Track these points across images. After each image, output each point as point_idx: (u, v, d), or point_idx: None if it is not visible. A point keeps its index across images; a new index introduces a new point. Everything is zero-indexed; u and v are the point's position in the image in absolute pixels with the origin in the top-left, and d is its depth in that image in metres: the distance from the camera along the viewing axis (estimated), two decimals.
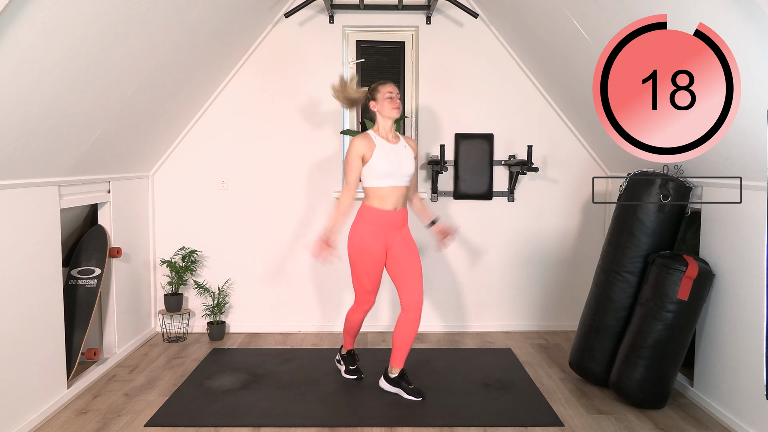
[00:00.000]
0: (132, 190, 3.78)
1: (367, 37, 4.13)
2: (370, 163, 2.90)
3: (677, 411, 2.87)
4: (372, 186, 2.94)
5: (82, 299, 3.26)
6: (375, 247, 2.94)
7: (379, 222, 2.94)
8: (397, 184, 2.94)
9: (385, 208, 2.93)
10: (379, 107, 2.96)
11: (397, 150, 2.96)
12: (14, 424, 2.56)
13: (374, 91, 2.98)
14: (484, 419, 2.77)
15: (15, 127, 2.29)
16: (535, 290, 4.17)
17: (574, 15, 2.94)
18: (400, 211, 2.98)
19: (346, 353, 3.29)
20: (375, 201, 2.94)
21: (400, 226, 3.00)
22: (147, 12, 2.57)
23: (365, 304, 3.09)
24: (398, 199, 2.96)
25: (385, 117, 2.96)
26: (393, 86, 2.97)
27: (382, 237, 2.95)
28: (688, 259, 2.79)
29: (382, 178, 2.91)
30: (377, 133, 2.98)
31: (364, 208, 2.98)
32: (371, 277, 2.98)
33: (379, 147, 2.92)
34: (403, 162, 2.94)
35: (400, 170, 2.93)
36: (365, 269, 2.97)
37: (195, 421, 2.74)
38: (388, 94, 2.94)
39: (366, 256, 2.94)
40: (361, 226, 2.96)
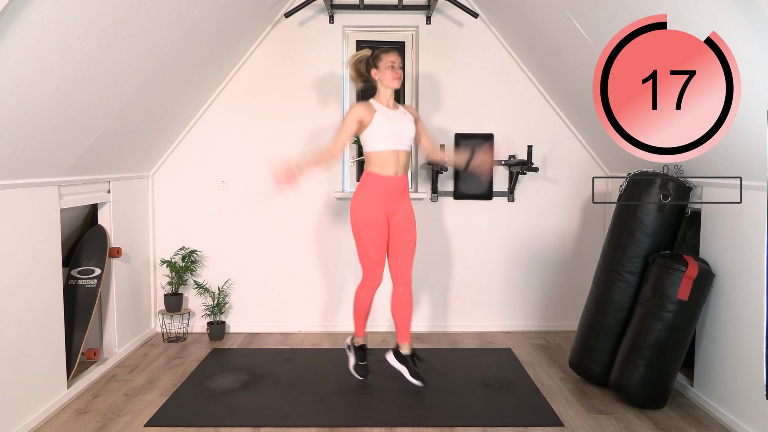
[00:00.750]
0: (132, 190, 3.78)
1: (367, 37, 4.13)
2: (371, 127, 2.96)
3: (677, 411, 2.87)
4: (373, 150, 3.00)
5: (82, 299, 3.26)
6: (377, 215, 2.99)
7: (380, 188, 2.99)
8: (397, 147, 3.00)
9: (386, 173, 2.99)
10: (380, 75, 3.02)
11: (397, 115, 3.04)
12: (14, 424, 2.56)
13: (377, 59, 3.03)
14: (484, 419, 2.77)
15: (15, 127, 2.29)
16: (535, 290, 4.17)
17: (574, 15, 2.94)
18: (400, 178, 3.04)
19: (358, 346, 3.22)
20: (376, 167, 3.00)
21: (401, 192, 3.05)
22: (147, 12, 2.57)
23: (373, 279, 3.06)
24: (399, 164, 3.02)
25: (385, 86, 3.03)
26: (395, 55, 3.02)
27: (383, 204, 3.00)
28: (688, 259, 2.79)
29: (383, 141, 2.97)
30: (378, 101, 3.06)
31: (366, 174, 3.04)
32: (376, 245, 3.00)
33: (380, 111, 3.00)
34: (403, 126, 3.02)
35: (401, 133, 3.00)
36: (369, 238, 2.99)
37: (195, 421, 2.74)
38: (390, 63, 3.00)
39: (369, 225, 2.98)
40: (363, 192, 3.02)
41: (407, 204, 3.11)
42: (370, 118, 2.96)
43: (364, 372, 3.19)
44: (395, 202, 3.04)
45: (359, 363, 3.20)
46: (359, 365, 3.20)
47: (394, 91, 3.06)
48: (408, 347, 3.09)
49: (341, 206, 4.07)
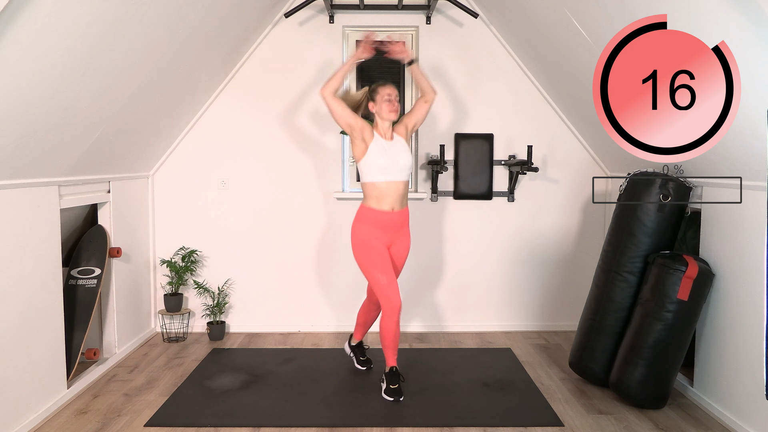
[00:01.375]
0: (132, 190, 3.78)
1: None
2: (366, 157, 2.97)
3: (677, 411, 2.87)
4: (369, 181, 2.99)
5: (82, 299, 3.26)
6: (376, 243, 3.00)
7: (377, 223, 2.99)
8: (393, 179, 2.99)
9: (383, 208, 2.98)
10: (377, 109, 3.04)
11: (393, 145, 3.04)
12: (14, 424, 2.56)
13: (374, 93, 3.06)
14: (484, 419, 2.77)
15: (15, 126, 2.29)
16: (535, 290, 4.17)
17: (574, 15, 2.94)
18: (398, 212, 3.02)
19: (356, 344, 3.43)
20: (372, 201, 3.00)
21: (399, 227, 3.05)
22: (147, 12, 2.57)
23: (390, 302, 2.93)
24: (396, 198, 3.00)
25: (383, 119, 3.04)
26: (392, 88, 3.05)
27: (382, 237, 3.02)
28: (688, 259, 2.79)
29: (378, 173, 2.97)
30: (376, 130, 3.06)
31: (362, 209, 3.04)
32: (383, 269, 2.97)
33: (376, 140, 3.00)
34: (398, 156, 3.01)
35: (396, 164, 2.99)
36: (374, 265, 2.97)
37: (195, 421, 2.74)
38: (387, 97, 3.02)
39: (370, 252, 2.99)
40: (359, 226, 3.03)
41: (405, 237, 3.11)
42: (369, 138, 2.97)
43: (367, 363, 3.39)
44: (393, 236, 3.05)
45: (360, 358, 3.39)
46: (361, 360, 3.39)
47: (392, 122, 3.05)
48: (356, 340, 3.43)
49: (341, 206, 4.07)
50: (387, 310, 2.95)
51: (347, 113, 2.96)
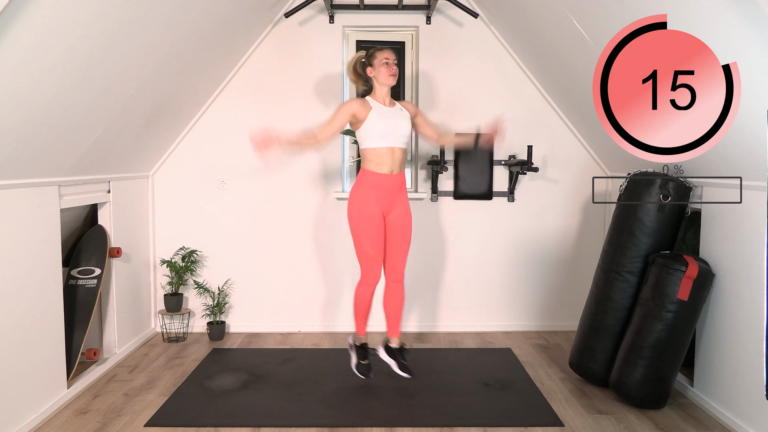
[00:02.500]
0: (132, 190, 3.78)
1: (367, 37, 4.13)
2: (366, 124, 2.97)
3: (677, 411, 2.87)
4: (369, 147, 3.00)
5: (82, 299, 3.26)
6: (373, 211, 3.00)
7: (376, 185, 3.00)
8: (393, 145, 3.00)
9: (382, 171, 3.00)
10: (375, 73, 3.02)
11: (393, 112, 3.04)
12: (14, 424, 2.56)
13: (371, 57, 3.04)
14: (484, 419, 2.77)
15: (15, 127, 2.29)
16: (535, 290, 4.17)
17: (574, 15, 2.94)
18: (396, 175, 3.04)
19: (360, 345, 3.21)
20: (372, 164, 3.01)
21: (397, 189, 3.06)
22: (147, 12, 2.57)
23: (371, 276, 3.06)
24: (394, 162, 3.02)
25: (381, 83, 3.03)
26: (390, 52, 3.03)
27: (379, 201, 3.02)
28: (688, 259, 2.79)
29: (378, 138, 2.98)
30: (374, 98, 3.05)
31: (362, 172, 3.06)
32: (372, 241, 3.01)
33: (375, 108, 3.00)
34: (399, 123, 3.01)
35: (396, 130, 2.99)
36: (365, 233, 3.00)
37: (195, 421, 2.74)
38: (385, 60, 3.00)
39: (365, 221, 2.99)
40: (358, 189, 3.03)
41: (404, 202, 3.12)
42: (364, 114, 2.96)
43: (365, 371, 3.16)
44: (392, 200, 3.05)
45: (361, 362, 3.18)
46: (361, 364, 3.18)
47: (390, 88, 3.05)
48: (397, 341, 3.16)
49: (341, 206, 4.06)
50: (364, 280, 3.06)
51: (342, 119, 2.98)
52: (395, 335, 3.17)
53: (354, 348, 3.23)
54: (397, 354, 3.14)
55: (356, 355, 3.21)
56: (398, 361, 3.11)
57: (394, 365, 3.11)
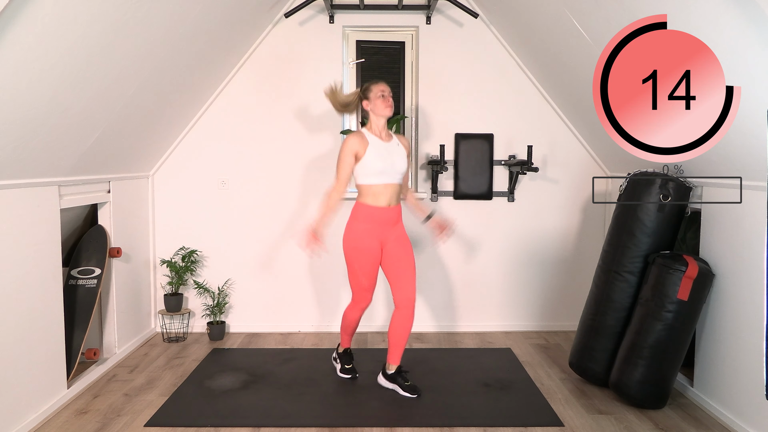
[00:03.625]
0: (132, 190, 3.78)
1: (367, 37, 4.13)
2: (363, 161, 2.94)
3: (677, 411, 2.87)
4: (365, 183, 2.99)
5: (82, 299, 3.26)
6: (370, 244, 2.98)
7: (373, 219, 2.98)
8: (389, 182, 2.98)
9: (379, 204, 2.98)
10: (371, 106, 3.01)
11: (389, 148, 3.01)
12: (14, 424, 2.56)
13: (367, 91, 3.03)
14: (484, 419, 2.77)
15: (15, 127, 2.29)
16: (535, 290, 4.17)
17: (574, 15, 2.94)
18: (393, 208, 3.02)
19: (342, 351, 3.32)
20: (369, 198, 2.99)
21: (394, 222, 3.04)
22: (147, 12, 2.57)
23: (362, 302, 3.10)
24: (391, 195, 3.00)
25: (377, 115, 3.02)
26: (385, 85, 3.03)
27: (376, 234, 2.99)
28: (688, 259, 2.79)
29: (374, 176, 2.95)
30: (370, 131, 3.03)
31: (358, 205, 3.02)
32: (367, 274, 3.01)
33: (372, 145, 2.96)
34: (395, 160, 2.99)
35: (393, 168, 2.97)
36: (361, 267, 3.00)
37: (195, 421, 2.74)
38: (380, 93, 2.99)
39: (361, 254, 2.98)
40: (355, 224, 3.01)
41: (401, 231, 3.07)
42: (363, 151, 2.94)
43: (351, 372, 3.26)
44: (388, 232, 3.02)
45: (345, 366, 3.27)
46: (345, 368, 3.27)
47: (387, 119, 3.03)
48: (395, 367, 3.08)
49: (341, 206, 4.05)
50: (356, 305, 3.11)
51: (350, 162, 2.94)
52: (395, 362, 3.07)
53: (338, 356, 3.32)
54: (398, 377, 3.07)
55: (341, 362, 3.30)
56: (401, 384, 3.05)
57: (398, 389, 3.04)
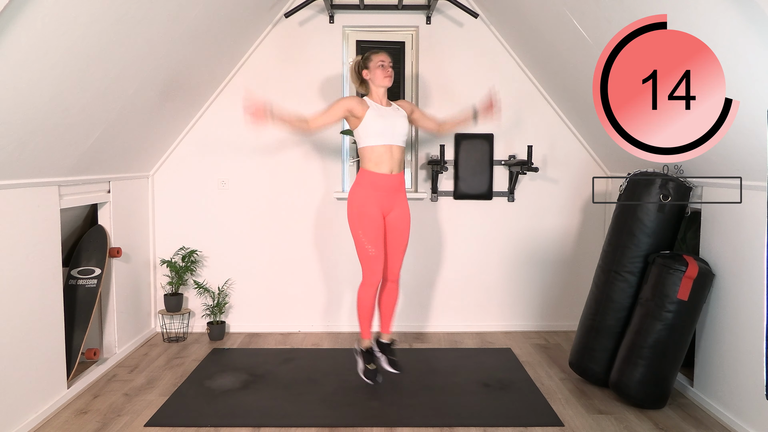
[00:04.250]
0: (132, 190, 3.78)
1: (367, 37, 4.13)
2: (364, 122, 3.01)
3: (677, 411, 2.87)
4: (367, 145, 3.04)
5: (82, 299, 3.26)
6: (373, 210, 3.03)
7: (376, 185, 3.03)
8: (391, 143, 3.04)
9: (381, 171, 3.03)
10: (371, 75, 3.09)
11: (389, 111, 3.09)
12: (14, 424, 2.56)
13: (367, 60, 3.10)
14: (484, 419, 2.77)
15: (15, 126, 2.29)
16: (535, 290, 4.17)
17: (574, 15, 2.94)
18: (396, 175, 3.08)
19: (366, 350, 3.18)
20: (371, 164, 3.04)
21: (396, 189, 3.10)
22: (147, 12, 2.57)
23: (373, 275, 3.06)
24: (393, 161, 3.06)
25: (377, 85, 3.10)
26: (385, 55, 3.09)
27: (379, 201, 3.05)
28: (688, 259, 2.79)
29: (376, 136, 3.01)
30: (371, 98, 3.11)
31: (361, 172, 3.09)
32: (373, 239, 3.03)
33: (373, 108, 3.04)
34: (396, 122, 3.06)
35: (393, 129, 3.04)
36: (365, 232, 3.03)
37: (195, 421, 2.74)
38: (380, 63, 3.06)
39: (365, 219, 3.02)
40: (358, 189, 3.07)
41: (403, 203, 3.15)
42: (361, 112, 3.01)
43: (372, 375, 3.12)
44: (391, 200, 3.08)
45: (368, 367, 3.14)
46: (368, 369, 3.13)
47: (386, 89, 3.12)
48: (388, 337, 3.25)
49: (341, 206, 4.07)
50: (366, 280, 3.07)
51: (338, 112, 3.03)
52: (387, 331, 3.25)
53: (360, 353, 3.19)
54: (386, 349, 3.20)
55: (363, 360, 3.17)
56: (387, 357, 3.17)
57: (383, 360, 3.17)
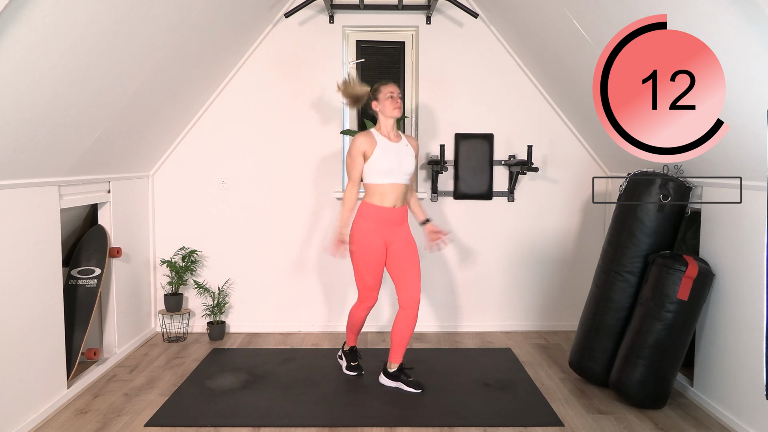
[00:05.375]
0: (132, 190, 3.78)
1: (367, 37, 4.13)
2: (371, 160, 2.99)
3: (677, 411, 2.87)
4: (372, 183, 3.02)
5: (82, 299, 3.26)
6: (375, 243, 3.01)
7: (379, 218, 3.01)
8: (397, 182, 3.02)
9: (385, 205, 3.02)
10: (380, 107, 3.06)
11: (398, 148, 3.05)
12: (14, 424, 2.56)
13: (376, 92, 3.07)
14: (484, 419, 2.77)
15: (15, 126, 2.29)
16: (535, 290, 4.17)
17: (574, 15, 2.94)
18: (399, 209, 3.05)
19: (348, 350, 3.34)
20: (375, 198, 3.02)
21: (399, 223, 3.07)
22: (147, 12, 2.57)
23: (368, 300, 3.13)
24: (398, 196, 3.04)
25: (386, 116, 3.06)
26: (394, 86, 3.07)
27: (382, 233, 3.03)
28: (688, 259, 2.79)
29: (382, 175, 2.99)
30: (379, 131, 3.07)
31: (364, 205, 3.06)
32: (373, 273, 3.04)
33: (381, 145, 3.01)
34: (403, 160, 3.03)
35: (400, 168, 3.01)
36: (366, 265, 3.03)
37: (195, 421, 2.74)
38: (390, 94, 3.03)
39: (367, 253, 3.01)
40: (362, 222, 3.04)
41: (406, 232, 3.12)
42: (371, 151, 2.99)
43: (357, 369, 3.30)
44: (394, 232, 3.06)
45: (351, 363, 3.31)
46: (351, 365, 3.31)
47: (396, 120, 3.08)
48: (396, 366, 3.11)
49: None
50: (361, 304, 3.14)
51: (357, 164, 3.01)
52: (397, 361, 3.10)
53: (344, 354, 3.34)
54: (401, 374, 3.10)
55: (347, 359, 3.33)
56: (404, 381, 3.08)
57: (402, 386, 3.08)
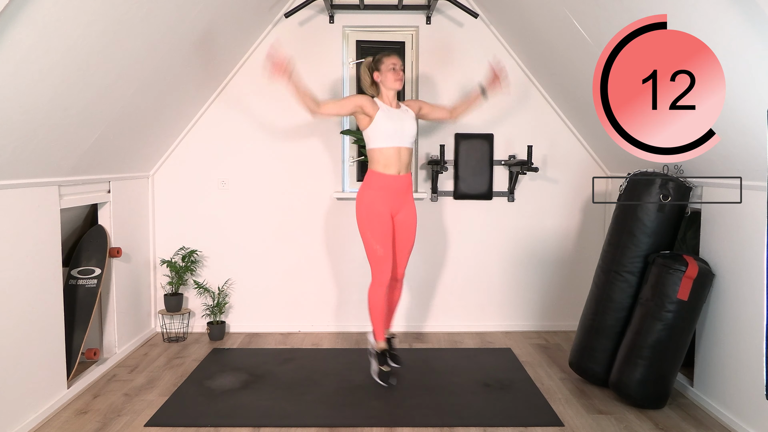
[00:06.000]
0: (132, 190, 3.78)
1: (367, 37, 4.13)
2: (373, 124, 3.05)
3: (677, 411, 2.87)
4: (376, 147, 3.07)
5: (82, 299, 3.26)
6: (381, 210, 3.07)
7: (384, 186, 3.07)
8: (400, 145, 3.08)
9: (389, 172, 3.07)
10: (382, 78, 3.13)
11: (399, 113, 3.13)
12: (14, 424, 2.56)
13: (378, 62, 3.14)
14: (484, 419, 2.77)
15: (15, 127, 2.29)
16: (535, 290, 4.17)
17: (574, 15, 2.94)
18: (404, 176, 3.12)
19: (380, 352, 3.16)
20: (379, 165, 3.08)
21: (404, 191, 3.14)
22: (147, 12, 2.57)
23: (382, 275, 3.08)
24: (401, 163, 3.10)
25: (387, 88, 3.14)
26: (397, 58, 3.13)
27: (387, 201, 3.09)
28: (688, 259, 2.79)
29: (385, 138, 3.05)
30: (381, 100, 3.15)
31: (369, 173, 3.12)
32: (381, 241, 3.06)
33: (383, 109, 3.08)
34: (405, 124, 3.11)
35: (402, 130, 3.08)
36: (374, 233, 3.06)
37: (195, 421, 2.74)
38: (392, 66, 3.10)
39: (373, 219, 3.05)
40: (366, 191, 3.10)
41: (410, 204, 3.19)
42: (372, 111, 3.05)
43: (386, 378, 3.10)
44: (399, 200, 3.12)
45: (381, 369, 3.11)
46: (382, 372, 3.11)
47: (396, 92, 3.16)
48: (388, 332, 3.28)
49: (341, 206, 4.07)
50: (376, 280, 3.10)
51: (348, 106, 3.08)
52: (387, 326, 3.28)
53: (374, 355, 3.18)
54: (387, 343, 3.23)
55: (377, 362, 3.14)
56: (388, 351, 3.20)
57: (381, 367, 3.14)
